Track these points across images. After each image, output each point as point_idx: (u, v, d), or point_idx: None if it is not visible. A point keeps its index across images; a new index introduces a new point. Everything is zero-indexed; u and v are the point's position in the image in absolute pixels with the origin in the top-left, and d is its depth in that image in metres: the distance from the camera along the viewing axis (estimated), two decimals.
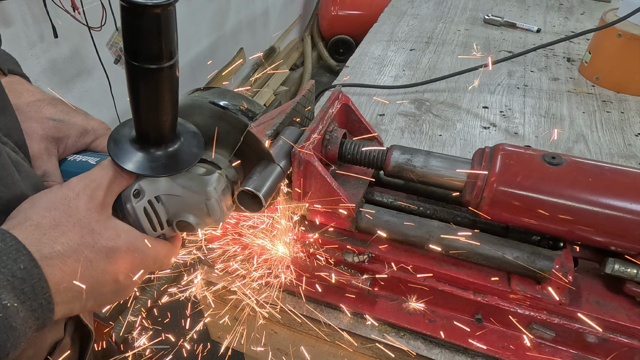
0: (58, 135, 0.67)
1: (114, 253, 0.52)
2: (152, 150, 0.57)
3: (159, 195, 0.61)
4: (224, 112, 0.63)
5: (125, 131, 0.58)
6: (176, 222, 0.63)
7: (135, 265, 0.56)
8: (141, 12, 0.44)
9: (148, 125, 0.55)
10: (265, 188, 0.61)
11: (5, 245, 0.43)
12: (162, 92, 0.51)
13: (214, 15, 3.18)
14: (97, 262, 0.51)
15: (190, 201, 0.61)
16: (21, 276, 0.43)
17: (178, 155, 0.58)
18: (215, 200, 0.60)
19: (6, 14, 1.73)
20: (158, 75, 0.49)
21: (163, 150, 0.57)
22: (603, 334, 0.66)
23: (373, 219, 0.75)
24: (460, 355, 0.72)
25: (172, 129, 0.57)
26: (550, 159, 0.65)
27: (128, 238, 0.54)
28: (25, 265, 0.44)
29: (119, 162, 0.55)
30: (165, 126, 0.55)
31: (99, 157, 0.67)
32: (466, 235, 0.71)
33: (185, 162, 0.58)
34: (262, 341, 0.89)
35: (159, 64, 0.48)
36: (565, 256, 0.66)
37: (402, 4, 2.15)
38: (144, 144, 0.57)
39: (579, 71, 1.57)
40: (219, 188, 0.61)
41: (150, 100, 0.52)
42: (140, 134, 0.56)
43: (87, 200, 0.52)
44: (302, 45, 4.72)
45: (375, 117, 1.34)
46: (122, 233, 0.54)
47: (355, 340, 0.76)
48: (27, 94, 0.69)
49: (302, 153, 0.66)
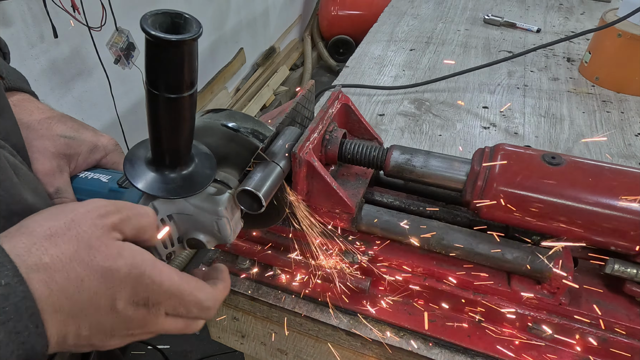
0: (69, 152, 0.68)
1: (110, 274, 0.45)
2: (168, 172, 0.58)
3: (171, 214, 0.62)
4: (235, 135, 0.65)
5: (141, 153, 0.60)
6: (187, 239, 0.65)
7: (140, 293, 0.48)
8: (165, 46, 0.45)
9: (165, 149, 0.56)
10: (265, 188, 0.62)
11: None
12: (181, 119, 0.52)
13: (214, 15, 3.18)
14: (90, 282, 0.44)
15: (201, 220, 0.63)
16: (2, 293, 0.38)
17: (192, 177, 0.59)
18: (226, 220, 0.62)
19: (6, 14, 1.73)
20: (178, 104, 0.50)
21: (178, 173, 0.59)
22: (603, 334, 0.66)
23: (373, 219, 0.75)
24: (460, 355, 0.72)
25: (188, 152, 0.59)
26: (550, 159, 0.65)
27: (133, 260, 0.47)
28: (7, 281, 0.39)
29: (135, 184, 0.56)
30: (182, 150, 0.57)
31: (111, 175, 0.69)
32: (466, 235, 0.71)
33: (199, 183, 0.59)
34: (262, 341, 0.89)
35: (179, 94, 0.49)
36: (565, 256, 0.66)
37: (402, 4, 2.15)
38: (159, 166, 0.58)
39: (579, 71, 1.57)
40: (229, 208, 0.63)
41: (169, 127, 0.53)
42: (157, 157, 0.57)
43: (95, 217, 0.47)
44: (302, 45, 4.72)
45: (375, 117, 1.34)
46: (127, 253, 0.47)
47: (355, 340, 0.76)
48: (37, 112, 0.69)
49: (302, 153, 0.66)
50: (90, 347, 0.49)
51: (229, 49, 3.50)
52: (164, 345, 2.26)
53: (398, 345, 0.73)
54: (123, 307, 0.47)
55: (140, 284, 0.47)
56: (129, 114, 2.43)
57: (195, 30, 0.46)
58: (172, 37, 0.44)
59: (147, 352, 2.19)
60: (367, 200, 0.82)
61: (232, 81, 3.61)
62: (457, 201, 0.82)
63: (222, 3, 3.24)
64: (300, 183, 0.69)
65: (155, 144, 0.56)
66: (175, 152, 0.57)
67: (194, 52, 0.48)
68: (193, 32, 0.45)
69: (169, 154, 0.57)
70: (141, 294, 0.48)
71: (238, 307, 0.85)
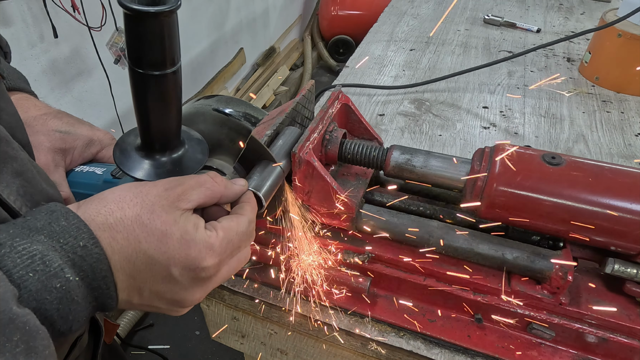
0: (64, 146, 0.68)
1: (165, 238, 0.48)
2: (157, 156, 0.57)
3: None
4: (227, 119, 0.64)
5: (131, 139, 0.59)
6: None
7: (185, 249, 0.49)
8: (144, 19, 0.45)
9: (152, 131, 0.55)
10: (265, 188, 0.62)
11: (68, 223, 0.44)
12: (166, 98, 0.52)
13: (214, 15, 3.18)
14: (147, 244, 0.47)
15: None
16: (81, 254, 0.43)
17: (183, 161, 0.59)
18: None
19: (6, 14, 1.73)
20: (161, 82, 0.50)
21: (168, 157, 0.58)
22: (603, 334, 0.66)
23: (373, 219, 0.75)
24: (460, 355, 0.72)
25: (177, 136, 0.58)
26: (550, 159, 0.65)
27: (185, 226, 0.49)
28: (85, 243, 0.44)
29: (125, 170, 0.56)
30: (170, 132, 0.56)
31: (106, 167, 0.69)
32: (466, 235, 0.71)
33: (189, 168, 0.58)
34: (261, 341, 0.89)
35: (162, 71, 0.49)
36: (565, 256, 0.66)
37: (402, 4, 2.15)
38: (149, 152, 0.57)
39: (579, 71, 1.57)
40: None
41: (154, 107, 0.52)
42: (145, 141, 0.57)
43: (162, 189, 0.50)
44: (302, 45, 4.72)
45: (375, 117, 1.34)
46: (182, 220, 0.49)
47: (355, 340, 0.76)
48: (34, 109, 0.70)
49: (302, 153, 0.66)
50: (157, 309, 0.53)
51: (229, 49, 3.50)
52: (164, 345, 2.27)
53: (398, 345, 0.73)
54: (179, 274, 0.49)
55: (191, 251, 0.49)
56: (129, 114, 2.42)
57: (174, 2, 0.45)
58: (150, 9, 0.44)
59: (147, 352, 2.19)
60: (367, 200, 0.82)
61: (232, 81, 3.60)
62: (457, 201, 0.82)
63: (222, 3, 3.24)
64: (300, 183, 0.69)
65: (143, 128, 0.55)
66: (164, 135, 0.56)
67: (174, 25, 0.47)
68: (171, 3, 0.45)
69: (158, 137, 0.56)
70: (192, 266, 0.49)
71: (238, 307, 0.85)
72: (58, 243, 0.43)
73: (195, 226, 0.50)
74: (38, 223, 0.43)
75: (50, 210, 0.45)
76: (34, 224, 0.43)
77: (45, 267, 0.41)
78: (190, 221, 0.50)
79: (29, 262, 0.40)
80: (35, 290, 0.40)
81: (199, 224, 0.51)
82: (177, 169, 0.58)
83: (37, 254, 0.41)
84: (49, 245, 0.42)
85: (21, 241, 0.41)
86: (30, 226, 0.43)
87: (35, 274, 0.40)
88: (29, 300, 0.39)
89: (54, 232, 0.43)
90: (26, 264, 0.40)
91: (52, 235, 0.43)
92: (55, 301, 0.41)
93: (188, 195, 0.51)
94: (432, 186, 0.74)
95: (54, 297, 0.41)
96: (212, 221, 0.54)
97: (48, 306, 0.40)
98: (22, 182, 0.52)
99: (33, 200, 0.52)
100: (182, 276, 0.49)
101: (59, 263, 0.42)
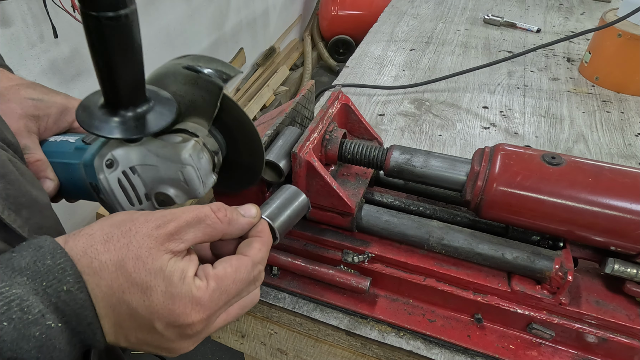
0: (37, 113, 0.66)
1: (149, 291, 0.44)
2: (121, 112, 0.54)
3: (134, 166, 0.59)
4: (198, 77, 0.60)
5: (95, 98, 0.56)
6: (154, 195, 0.61)
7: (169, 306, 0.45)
8: None
9: (112, 83, 0.52)
10: (283, 218, 0.60)
11: (53, 262, 0.41)
12: (121, 44, 0.49)
13: (214, 15, 3.18)
14: (130, 295, 0.44)
15: (166, 171, 0.59)
16: (64, 299, 0.41)
17: (148, 117, 0.55)
18: (191, 168, 0.58)
19: (6, 14, 1.73)
20: (117, 24, 0.47)
21: (133, 111, 0.54)
22: (603, 334, 0.66)
23: (373, 219, 0.75)
24: (460, 355, 0.72)
25: (140, 89, 0.54)
26: (550, 159, 0.65)
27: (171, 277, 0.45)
28: (69, 287, 0.41)
29: (87, 128, 0.53)
30: (130, 83, 0.53)
31: (79, 136, 0.67)
32: (466, 235, 0.71)
33: (156, 124, 0.55)
34: (261, 341, 0.89)
35: (116, 11, 0.46)
36: (565, 256, 0.66)
37: (402, 4, 2.15)
38: (111, 108, 0.54)
39: (579, 71, 1.57)
40: (194, 155, 0.59)
41: (110, 54, 0.49)
42: (106, 95, 0.54)
43: (152, 226, 0.46)
44: (302, 45, 4.72)
45: (375, 117, 1.34)
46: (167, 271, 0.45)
47: (355, 340, 0.76)
48: (6, 80, 0.67)
49: (302, 153, 0.66)
50: (147, 351, 0.50)
51: (229, 49, 3.50)
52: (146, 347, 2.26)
53: (398, 345, 0.73)
54: (163, 329, 0.45)
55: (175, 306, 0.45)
56: None
57: None
58: None
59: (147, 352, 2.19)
60: (367, 200, 0.82)
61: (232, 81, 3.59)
62: (457, 201, 0.82)
63: (222, 3, 3.24)
64: (300, 183, 0.69)
65: (102, 80, 0.52)
66: (124, 86, 0.52)
67: None
68: None
69: (119, 89, 0.52)
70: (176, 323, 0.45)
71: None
72: (41, 286, 0.40)
73: (182, 276, 0.45)
74: (23, 261, 0.41)
75: (38, 246, 0.42)
76: (18, 263, 0.41)
77: (23, 314, 0.38)
78: (178, 269, 0.45)
79: (5, 310, 0.38)
80: (11, 340, 0.37)
81: (186, 273, 0.46)
82: (142, 125, 0.54)
83: (15, 299, 0.38)
84: (31, 288, 0.40)
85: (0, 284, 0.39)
86: (14, 265, 0.40)
87: (11, 323, 0.37)
88: (3, 351, 0.37)
89: (37, 273, 0.41)
90: (1, 312, 0.37)
91: (36, 276, 0.40)
92: (33, 350, 0.38)
93: (182, 234, 0.46)
94: (432, 186, 0.74)
95: (33, 346, 0.38)
96: (206, 265, 0.48)
97: (26, 356, 0.38)
98: (5, 184, 0.50)
99: (17, 202, 0.51)
100: (166, 331, 0.46)
101: (39, 309, 0.39)
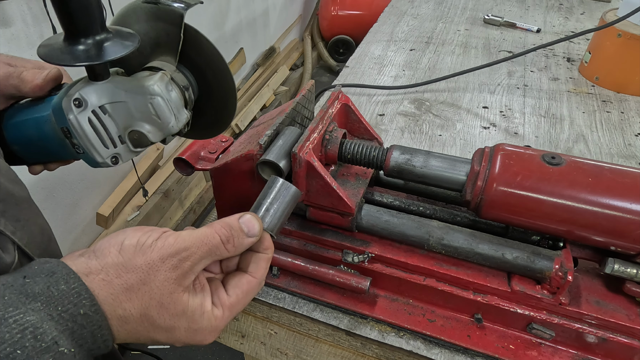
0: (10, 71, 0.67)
1: (174, 330, 0.50)
2: (81, 40, 0.54)
3: (104, 106, 0.59)
4: (157, 8, 0.60)
5: (56, 37, 0.56)
6: (128, 135, 0.60)
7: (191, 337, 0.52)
8: None
9: (69, 10, 0.52)
10: (280, 224, 0.59)
11: (68, 287, 0.43)
12: None
13: (214, 15, 3.18)
14: (155, 334, 0.49)
15: (135, 105, 0.59)
16: (81, 322, 0.42)
17: (108, 44, 0.55)
18: (160, 99, 0.58)
19: (6, 14, 1.73)
20: None
21: (92, 40, 0.55)
22: (603, 334, 0.66)
23: (373, 219, 0.75)
24: (460, 355, 0.72)
25: (97, 16, 0.54)
26: (550, 159, 0.65)
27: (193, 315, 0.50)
28: (85, 310, 0.43)
29: (48, 60, 0.53)
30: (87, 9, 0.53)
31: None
32: (466, 235, 0.71)
33: (117, 50, 0.55)
34: (262, 341, 0.89)
35: None
36: (565, 256, 0.66)
37: (402, 4, 2.15)
38: (71, 39, 0.54)
39: (579, 71, 1.57)
40: (162, 86, 0.59)
41: None
42: (64, 23, 0.54)
43: (168, 269, 0.48)
44: (302, 45, 4.72)
45: (375, 117, 1.34)
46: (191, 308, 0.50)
47: (355, 341, 0.76)
48: None
49: (302, 153, 0.66)
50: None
51: (229, 49, 3.50)
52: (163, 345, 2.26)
53: (398, 345, 0.73)
54: (181, 344, 0.52)
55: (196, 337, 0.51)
56: None
57: None
58: None
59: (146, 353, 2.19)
60: (367, 200, 0.82)
61: None
62: (457, 201, 0.82)
63: (222, 3, 3.24)
64: (300, 183, 0.69)
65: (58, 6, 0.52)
66: (81, 14, 0.52)
67: None
68: None
69: (76, 16, 0.52)
70: (194, 344, 0.52)
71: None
72: (56, 310, 0.41)
73: (202, 312, 0.50)
74: (36, 287, 0.42)
75: (51, 271, 0.43)
76: (32, 289, 0.41)
77: (36, 341, 0.39)
78: (198, 306, 0.50)
79: (19, 338, 0.38)
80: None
81: (205, 308, 0.51)
82: (101, 52, 0.54)
83: (28, 327, 0.39)
84: (46, 314, 0.41)
85: (14, 311, 0.39)
86: (28, 291, 0.41)
87: (24, 351, 0.38)
88: None
89: (52, 298, 0.42)
90: (15, 340, 0.38)
91: (50, 301, 0.41)
92: None
93: (195, 268, 0.50)
94: (432, 186, 0.74)
95: None
96: (221, 292, 0.53)
97: None
98: None
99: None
100: (182, 344, 0.52)
101: (53, 335, 0.40)
